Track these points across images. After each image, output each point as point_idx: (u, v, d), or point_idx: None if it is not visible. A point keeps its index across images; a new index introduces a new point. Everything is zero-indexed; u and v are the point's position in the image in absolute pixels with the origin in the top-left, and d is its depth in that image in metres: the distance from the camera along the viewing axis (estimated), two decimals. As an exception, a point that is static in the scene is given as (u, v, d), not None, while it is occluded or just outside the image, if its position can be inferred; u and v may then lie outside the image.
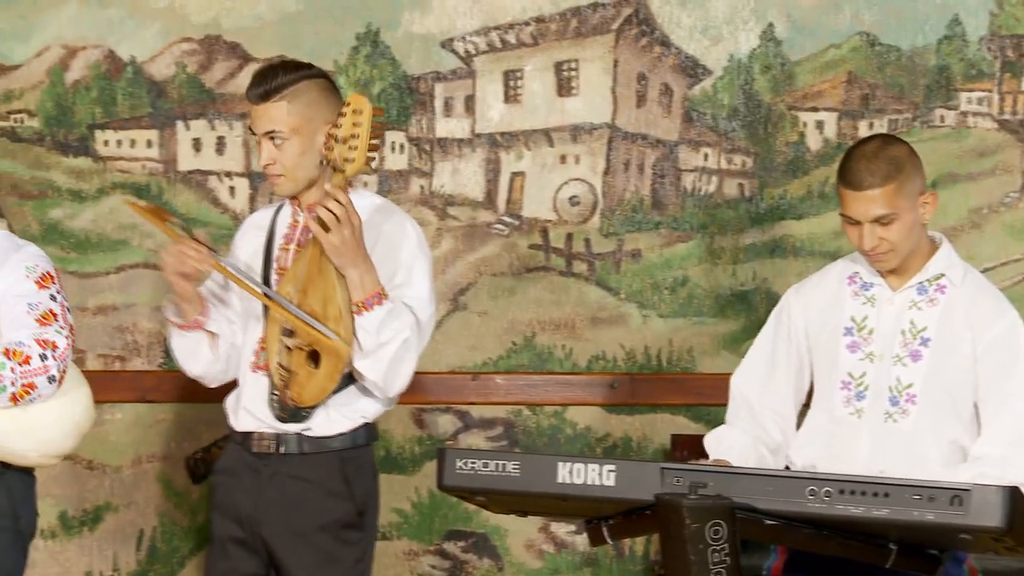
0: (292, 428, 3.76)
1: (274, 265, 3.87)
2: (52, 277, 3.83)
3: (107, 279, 5.16)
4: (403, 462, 5.06)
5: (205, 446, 4.29)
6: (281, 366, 3.71)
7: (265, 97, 3.76)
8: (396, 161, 5.07)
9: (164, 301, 3.92)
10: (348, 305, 3.66)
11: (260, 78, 3.80)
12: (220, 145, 5.12)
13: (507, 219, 5.05)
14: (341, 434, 3.80)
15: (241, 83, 5.09)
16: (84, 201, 5.16)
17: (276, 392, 3.74)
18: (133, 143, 5.16)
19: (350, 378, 3.77)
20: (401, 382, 3.77)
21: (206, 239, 4.23)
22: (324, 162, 3.75)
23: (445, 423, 5.06)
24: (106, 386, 5.11)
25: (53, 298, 3.79)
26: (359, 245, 3.65)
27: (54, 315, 3.75)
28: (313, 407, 3.74)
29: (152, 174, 5.15)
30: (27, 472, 3.84)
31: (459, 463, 3.22)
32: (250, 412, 3.81)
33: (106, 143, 5.17)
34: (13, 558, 3.81)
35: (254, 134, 3.83)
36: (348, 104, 3.69)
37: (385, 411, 3.92)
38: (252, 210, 5.03)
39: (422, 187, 5.07)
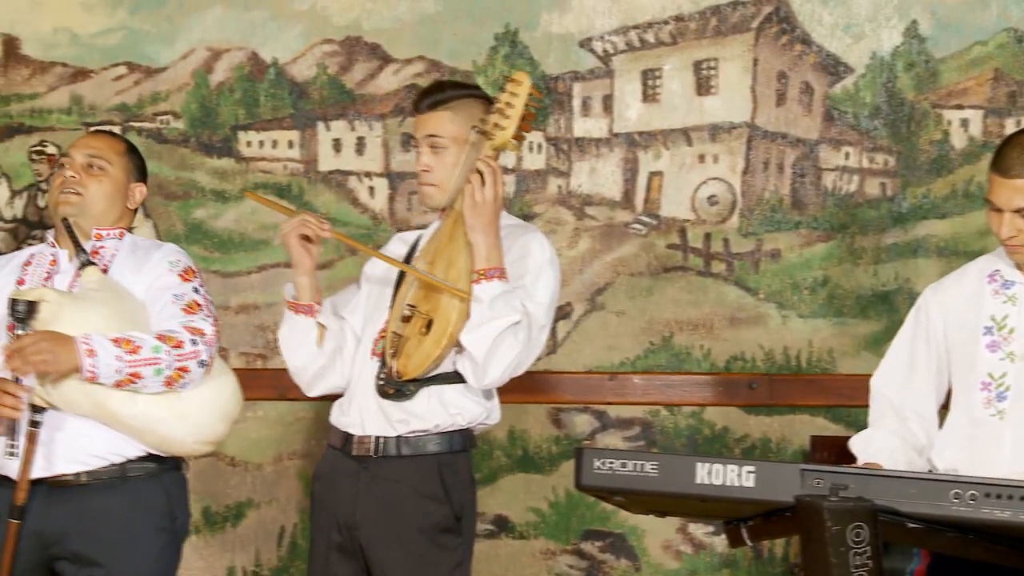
0: (396, 417, 3.75)
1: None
2: (194, 271, 3.94)
3: (249, 278, 5.23)
4: (540, 462, 5.06)
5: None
6: (396, 333, 3.73)
7: (433, 106, 3.80)
8: (534, 161, 5.08)
9: (284, 286, 3.93)
10: (469, 275, 3.68)
11: (432, 89, 3.88)
12: (360, 145, 5.16)
13: (645, 219, 5.03)
14: (439, 434, 3.77)
15: (381, 84, 5.15)
16: (227, 201, 5.24)
17: (384, 370, 3.75)
18: (275, 144, 5.23)
19: (453, 375, 3.76)
20: (498, 370, 3.69)
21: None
22: (473, 130, 3.78)
23: (582, 423, 5.05)
24: (248, 384, 5.12)
25: (196, 290, 3.89)
26: (495, 216, 3.68)
27: (198, 305, 3.86)
28: (415, 381, 3.74)
29: (293, 174, 5.21)
30: (180, 473, 3.91)
31: (597, 463, 3.20)
32: (356, 404, 3.79)
33: (249, 144, 5.24)
34: (170, 558, 3.88)
35: (414, 147, 3.85)
36: (505, 77, 3.80)
37: (482, 420, 3.84)
38: (391, 210, 5.09)
39: (559, 187, 5.07)
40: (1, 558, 3.59)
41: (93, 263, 3.81)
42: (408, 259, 3.89)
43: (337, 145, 5.19)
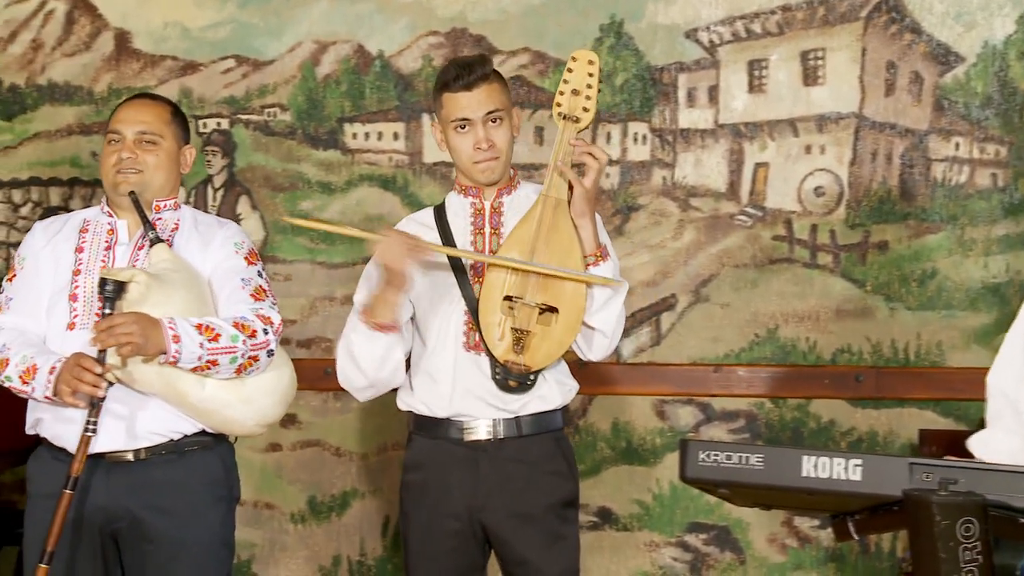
0: (512, 408, 3.76)
1: (471, 251, 3.88)
2: (256, 254, 3.99)
3: (353, 269, 5.26)
4: (644, 453, 5.05)
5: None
6: (514, 329, 3.73)
7: (484, 78, 3.79)
8: (638, 152, 5.06)
9: (356, 301, 3.85)
10: (583, 258, 3.72)
11: (468, 67, 3.82)
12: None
13: (750, 210, 5.00)
14: (555, 411, 3.83)
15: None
16: (333, 193, 5.28)
17: (500, 364, 3.75)
18: (380, 136, 5.25)
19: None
20: (619, 338, 3.84)
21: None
22: (559, 117, 3.77)
23: (686, 415, 5.04)
24: (353, 374, 5.24)
25: (260, 274, 3.95)
26: (595, 198, 3.75)
27: (264, 291, 3.92)
28: (540, 371, 3.77)
29: (398, 166, 5.24)
30: (231, 444, 3.99)
31: (702, 455, 3.17)
32: (468, 396, 3.80)
33: (354, 136, 5.27)
34: (230, 525, 3.97)
35: (461, 127, 3.79)
36: (576, 58, 3.79)
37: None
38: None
39: (664, 178, 5.05)
40: (51, 526, 3.63)
41: (162, 240, 3.84)
42: (446, 239, 3.87)
43: (442, 137, 5.21)
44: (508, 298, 3.73)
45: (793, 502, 3.41)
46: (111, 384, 3.67)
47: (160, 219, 3.91)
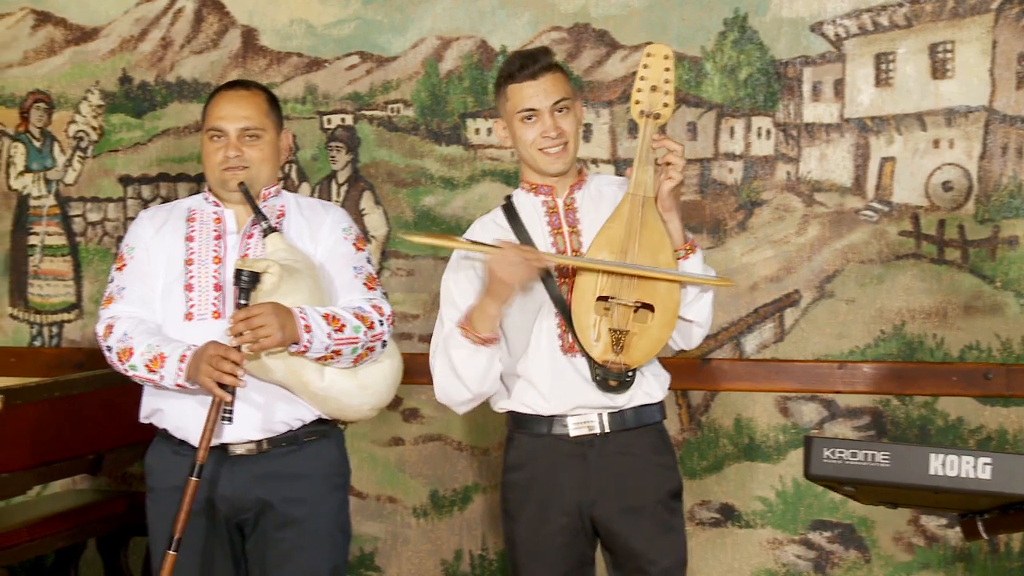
0: (618, 403, 3.76)
1: (551, 251, 3.85)
2: (363, 239, 4.05)
3: (475, 266, 5.28)
4: (767, 450, 5.02)
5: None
6: (612, 330, 3.72)
7: (549, 68, 3.79)
8: (762, 147, 5.02)
9: (448, 317, 3.84)
10: (672, 252, 3.73)
11: (532, 57, 3.81)
12: (587, 132, 5.17)
13: (876, 205, 4.94)
14: (654, 404, 3.83)
15: (608, 70, 5.15)
16: (455, 188, 5.30)
17: (598, 365, 3.75)
18: (503, 131, 5.26)
19: None
20: (709, 327, 3.87)
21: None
22: (639, 114, 3.75)
23: (810, 411, 4.99)
24: (475, 369, 5.25)
25: (369, 260, 4.02)
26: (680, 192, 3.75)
27: (374, 278, 3.99)
28: (639, 368, 3.76)
29: (519, 161, 5.23)
30: (342, 431, 4.06)
31: (826, 452, 3.15)
32: (570, 397, 3.80)
33: (477, 131, 5.29)
34: (346, 511, 4.04)
35: (528, 118, 3.79)
36: (651, 54, 3.76)
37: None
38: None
39: (788, 173, 5.00)
40: (178, 512, 3.70)
41: (276, 230, 3.87)
42: (523, 239, 3.85)
43: (564, 132, 5.21)
44: (602, 299, 3.72)
45: (920, 500, 3.38)
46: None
47: (265, 207, 3.96)
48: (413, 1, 5.31)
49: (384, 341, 3.90)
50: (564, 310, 3.77)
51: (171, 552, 3.70)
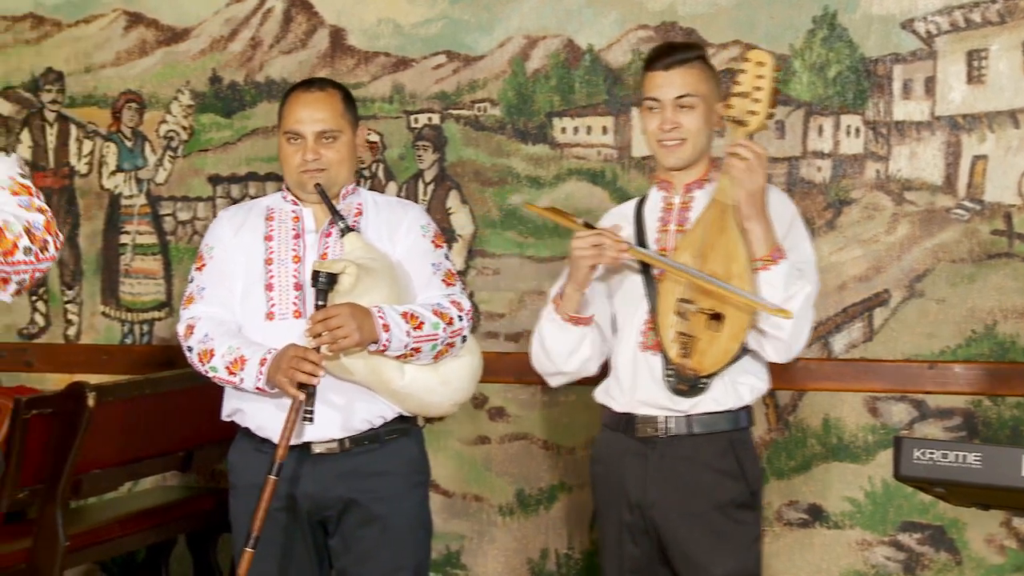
0: (682, 408, 3.75)
1: (654, 247, 3.86)
2: (441, 236, 4.08)
3: (562, 263, 5.24)
4: (856, 450, 4.97)
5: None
6: (681, 334, 3.70)
7: (682, 62, 3.79)
8: (851, 145, 4.98)
9: (551, 291, 3.92)
10: (750, 262, 3.65)
11: (670, 48, 3.86)
12: (673, 131, 5.15)
13: (968, 204, 4.88)
14: (730, 411, 3.79)
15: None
16: (541, 187, 5.30)
17: (671, 366, 3.73)
18: (589, 130, 5.26)
19: (740, 353, 3.76)
20: (802, 341, 3.75)
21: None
22: (724, 119, 3.75)
23: (900, 412, 4.94)
24: (561, 368, 5.25)
25: (447, 257, 4.05)
26: (765, 201, 3.67)
27: (453, 275, 4.01)
28: (712, 375, 3.73)
29: (607, 160, 5.24)
30: (421, 429, 4.08)
31: (917, 453, 3.13)
32: (641, 395, 3.80)
33: (563, 130, 5.29)
34: (427, 507, 4.06)
35: (652, 105, 3.80)
36: (748, 59, 3.73)
37: (763, 393, 3.88)
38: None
39: (878, 171, 4.96)
40: (256, 511, 3.73)
41: (353, 229, 3.89)
42: (640, 239, 3.85)
43: (651, 131, 5.19)
44: (681, 301, 3.71)
45: (1013, 502, 3.34)
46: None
47: (343, 206, 3.98)
48: (500, 0, 5.32)
49: (464, 336, 3.92)
50: (653, 307, 3.77)
51: (248, 549, 3.73)
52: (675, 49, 3.85)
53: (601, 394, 3.94)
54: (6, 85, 5.91)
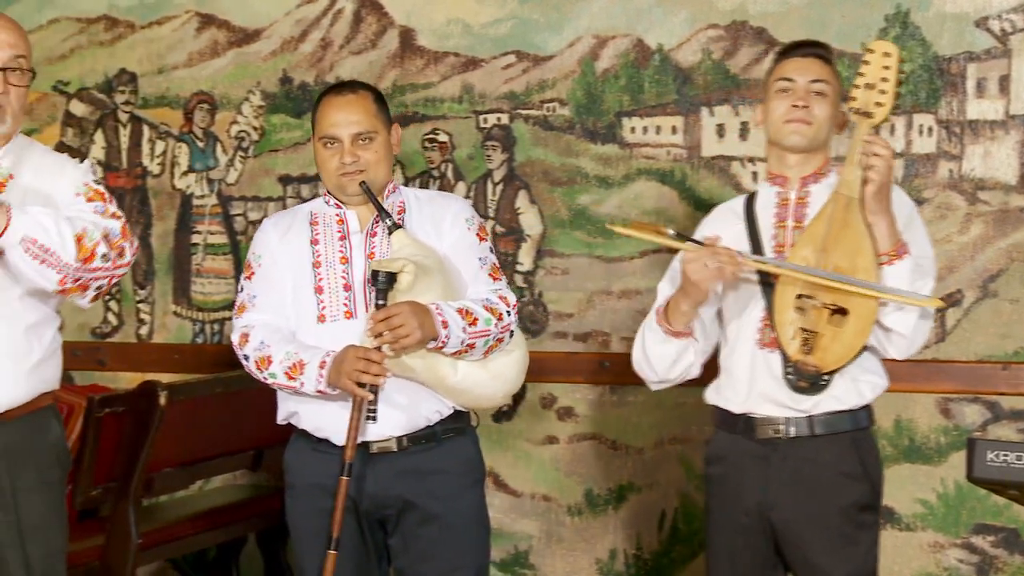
0: (803, 407, 3.72)
1: (771, 244, 3.83)
2: (486, 228, 4.09)
3: (631, 264, 5.28)
4: (928, 452, 4.93)
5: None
6: (802, 329, 3.67)
7: (819, 55, 3.80)
8: (924, 144, 4.94)
9: (659, 297, 3.92)
10: (875, 257, 3.61)
11: (812, 41, 3.88)
12: (743, 131, 5.14)
13: (1042, 203, 4.84)
14: (852, 411, 3.76)
15: (766, 68, 5.08)
16: (610, 187, 5.29)
17: (791, 364, 3.70)
18: (658, 130, 5.25)
19: (860, 350, 3.72)
20: (923, 337, 3.73)
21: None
22: (849, 112, 3.72)
23: (972, 413, 4.90)
24: (629, 369, 5.17)
25: (492, 250, 4.05)
26: (890, 196, 3.63)
27: (499, 268, 4.02)
28: (834, 372, 3.69)
29: (676, 160, 5.22)
30: (475, 428, 4.08)
31: (990, 455, 3.11)
32: (759, 394, 3.78)
33: (632, 130, 5.28)
34: (485, 506, 4.06)
35: (785, 87, 3.79)
36: (871, 50, 3.70)
37: (886, 389, 3.85)
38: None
39: (951, 171, 4.92)
40: (333, 512, 3.76)
41: (400, 226, 3.89)
42: (753, 230, 3.82)
43: (720, 130, 5.18)
44: (801, 296, 3.68)
45: (1089, 505, 3.30)
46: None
47: (386, 204, 3.98)
48: (570, 0, 5.31)
49: (512, 332, 3.94)
50: (771, 304, 3.75)
51: (332, 552, 3.76)
52: (812, 43, 3.88)
53: (713, 395, 3.91)
54: (80, 86, 5.97)
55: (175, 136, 5.85)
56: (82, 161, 3.79)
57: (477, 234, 4.02)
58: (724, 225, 3.90)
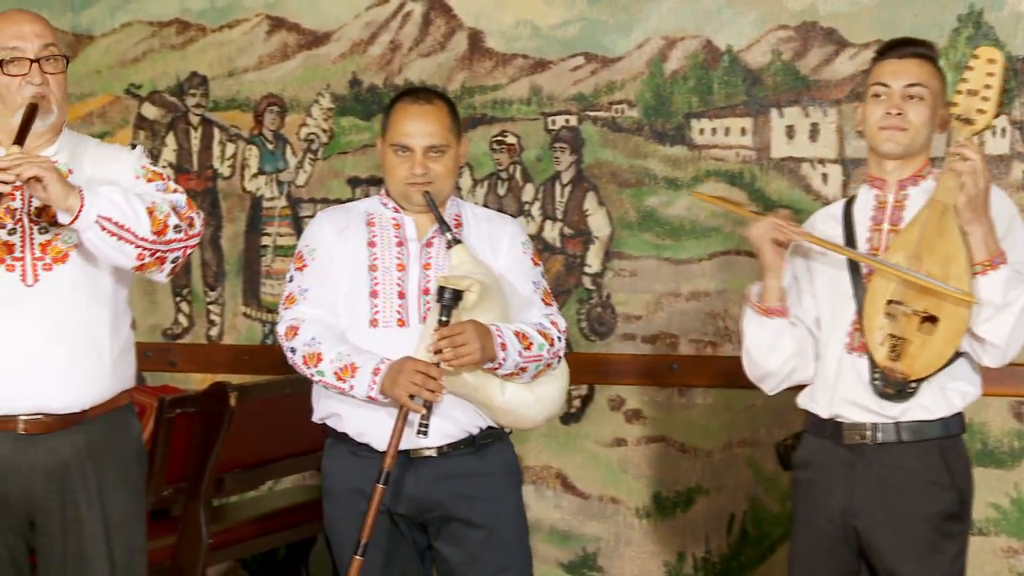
0: (890, 414, 3.68)
1: (865, 247, 3.79)
2: (539, 254, 4.08)
3: (699, 265, 5.26)
4: (1001, 456, 4.89)
5: (796, 433, 4.23)
6: (891, 335, 3.63)
7: (917, 55, 3.73)
8: (997, 145, 4.90)
9: (746, 287, 3.88)
10: (969, 266, 3.56)
11: (906, 40, 3.80)
12: (814, 132, 5.11)
13: (1118, 205, 4.77)
14: (941, 419, 3.69)
15: (836, 69, 5.08)
16: (679, 189, 5.28)
17: (878, 369, 3.66)
18: (727, 131, 5.23)
19: (952, 357, 3.67)
20: (1019, 345, 3.63)
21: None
22: (951, 118, 3.65)
23: (1046, 417, 4.86)
24: (698, 371, 5.22)
25: (543, 275, 4.02)
26: (987, 202, 3.56)
27: (549, 293, 4.01)
28: (922, 380, 3.65)
29: (745, 162, 5.20)
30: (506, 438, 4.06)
31: (1064, 459, 3.06)
32: (846, 398, 3.74)
33: (701, 131, 5.26)
34: (524, 509, 4.03)
35: (879, 92, 3.71)
36: (977, 56, 3.64)
37: (975, 398, 3.76)
38: (845, 196, 4.98)
39: (1024, 172, 4.88)
40: (365, 518, 3.75)
41: (460, 242, 3.87)
42: (849, 232, 3.80)
43: (790, 132, 5.16)
44: (891, 302, 3.64)
45: None
46: None
47: (444, 215, 3.95)
48: (638, 1, 5.30)
49: (560, 357, 3.93)
50: (861, 308, 3.72)
51: (358, 557, 3.75)
52: (912, 42, 3.80)
53: (805, 399, 3.85)
54: (152, 89, 6.02)
55: (245, 138, 5.88)
56: (134, 148, 3.81)
57: (532, 258, 4.00)
58: (822, 228, 3.87)
